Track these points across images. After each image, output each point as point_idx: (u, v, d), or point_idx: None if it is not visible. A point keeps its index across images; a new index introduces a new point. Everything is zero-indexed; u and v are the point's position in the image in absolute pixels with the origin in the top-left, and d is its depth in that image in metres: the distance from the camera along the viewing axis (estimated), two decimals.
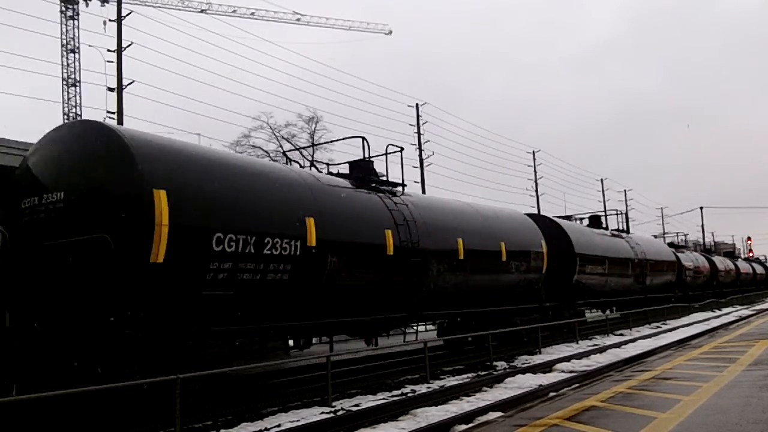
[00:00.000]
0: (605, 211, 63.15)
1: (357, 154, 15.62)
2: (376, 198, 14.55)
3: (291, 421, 9.91)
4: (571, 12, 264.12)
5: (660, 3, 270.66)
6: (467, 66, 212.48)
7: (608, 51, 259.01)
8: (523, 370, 14.88)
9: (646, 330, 26.55)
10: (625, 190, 70.03)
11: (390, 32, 68.84)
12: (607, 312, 29.45)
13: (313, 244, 11.87)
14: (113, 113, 25.66)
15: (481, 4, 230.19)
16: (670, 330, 26.32)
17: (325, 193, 13.06)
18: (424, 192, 39.45)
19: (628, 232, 31.90)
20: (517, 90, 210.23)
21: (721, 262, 50.17)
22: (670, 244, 45.14)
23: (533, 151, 55.81)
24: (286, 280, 11.44)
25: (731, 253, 66.24)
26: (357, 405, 11.28)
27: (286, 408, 11.06)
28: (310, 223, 11.91)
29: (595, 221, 29.47)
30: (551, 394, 11.05)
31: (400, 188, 16.08)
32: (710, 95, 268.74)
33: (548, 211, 49.90)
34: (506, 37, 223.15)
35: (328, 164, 17.95)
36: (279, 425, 9.79)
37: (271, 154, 41.26)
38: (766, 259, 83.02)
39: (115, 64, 25.76)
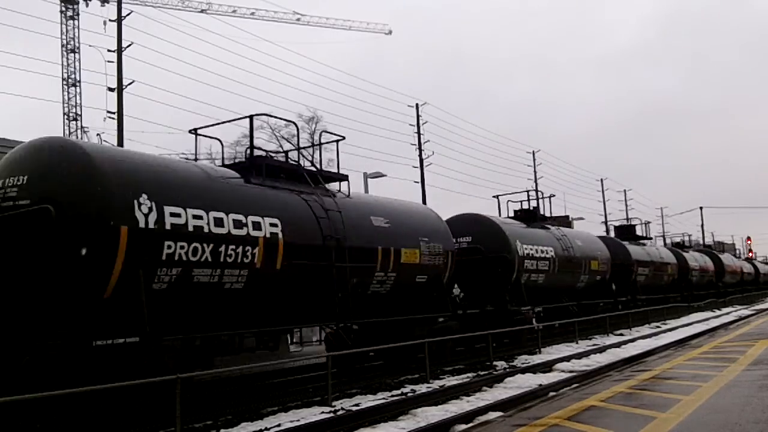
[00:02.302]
0: (605, 211, 63.26)
1: (356, 154, 15.92)
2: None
3: (291, 421, 9.91)
4: (599, 16, 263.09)
5: (686, 7, 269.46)
6: (494, 67, 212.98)
7: (631, 55, 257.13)
8: (523, 370, 14.88)
9: (645, 330, 26.54)
10: (624, 190, 70.03)
11: (390, 32, 68.84)
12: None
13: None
14: (113, 113, 25.66)
15: (511, 5, 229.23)
16: (670, 330, 26.31)
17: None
18: (424, 192, 39.54)
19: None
20: (540, 91, 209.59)
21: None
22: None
23: (533, 152, 55.84)
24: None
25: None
26: (357, 405, 11.28)
27: (286, 408, 11.06)
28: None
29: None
30: (551, 393, 11.05)
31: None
32: (726, 97, 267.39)
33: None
34: (534, 39, 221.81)
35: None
36: (279, 425, 9.78)
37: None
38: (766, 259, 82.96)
39: (115, 64, 25.77)
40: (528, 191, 25.83)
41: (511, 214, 24.44)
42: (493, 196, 25.08)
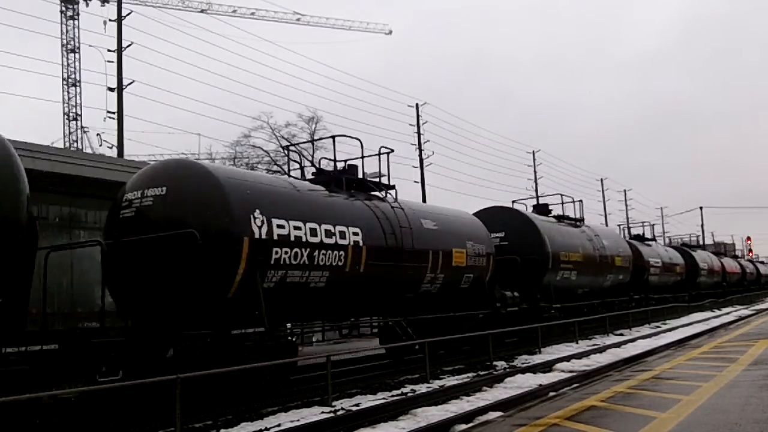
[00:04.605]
0: (605, 210, 63.27)
1: (355, 153, 16.06)
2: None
3: (291, 421, 9.90)
4: (623, 18, 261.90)
5: (709, 11, 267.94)
6: (512, 69, 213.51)
7: (650, 57, 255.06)
8: (523, 370, 14.89)
9: (645, 330, 26.54)
10: (624, 191, 70.10)
11: (390, 32, 68.68)
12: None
13: None
14: (113, 113, 25.69)
15: (534, 3, 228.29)
16: (670, 330, 26.31)
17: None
18: (423, 192, 39.59)
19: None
20: (555, 93, 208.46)
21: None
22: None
23: (533, 151, 55.90)
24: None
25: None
26: (357, 405, 11.28)
27: (286, 408, 11.06)
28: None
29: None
30: (551, 393, 11.06)
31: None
32: (733, 98, 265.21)
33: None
34: (556, 40, 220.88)
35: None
36: (279, 425, 9.78)
37: (271, 154, 41.32)
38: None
39: (115, 64, 25.80)
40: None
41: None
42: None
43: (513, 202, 25.52)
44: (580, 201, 26.73)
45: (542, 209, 24.78)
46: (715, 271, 44.82)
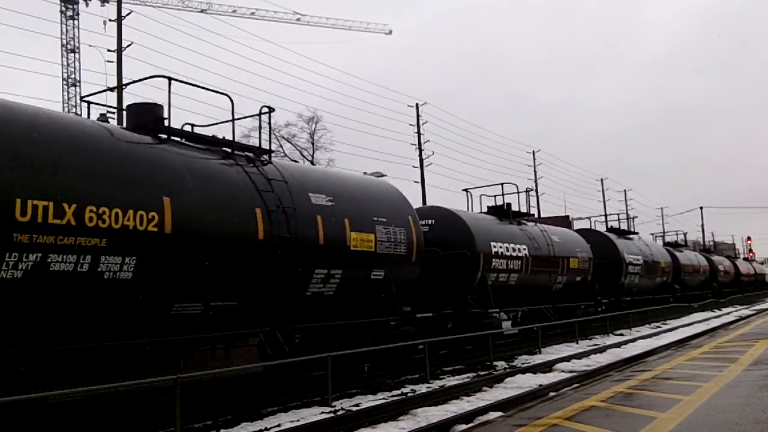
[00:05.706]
0: (605, 211, 63.23)
1: (356, 154, 15.97)
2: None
3: (291, 421, 9.91)
4: (636, 19, 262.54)
5: (723, 11, 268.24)
6: (525, 69, 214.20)
7: (661, 58, 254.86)
8: (523, 370, 14.88)
9: (645, 330, 26.53)
10: (624, 190, 70.01)
11: (390, 32, 68.80)
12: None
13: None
14: (113, 113, 25.64)
15: (545, 4, 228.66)
16: (670, 330, 26.30)
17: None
18: (423, 192, 39.52)
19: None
20: (569, 93, 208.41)
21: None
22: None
23: (533, 151, 55.88)
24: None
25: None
26: (357, 405, 11.27)
27: (286, 408, 11.05)
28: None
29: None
30: (551, 394, 11.06)
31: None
32: (738, 99, 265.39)
33: (546, 210, 49.83)
34: (568, 41, 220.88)
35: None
36: (279, 425, 9.78)
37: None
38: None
39: (115, 64, 25.80)
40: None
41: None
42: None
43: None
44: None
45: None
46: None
